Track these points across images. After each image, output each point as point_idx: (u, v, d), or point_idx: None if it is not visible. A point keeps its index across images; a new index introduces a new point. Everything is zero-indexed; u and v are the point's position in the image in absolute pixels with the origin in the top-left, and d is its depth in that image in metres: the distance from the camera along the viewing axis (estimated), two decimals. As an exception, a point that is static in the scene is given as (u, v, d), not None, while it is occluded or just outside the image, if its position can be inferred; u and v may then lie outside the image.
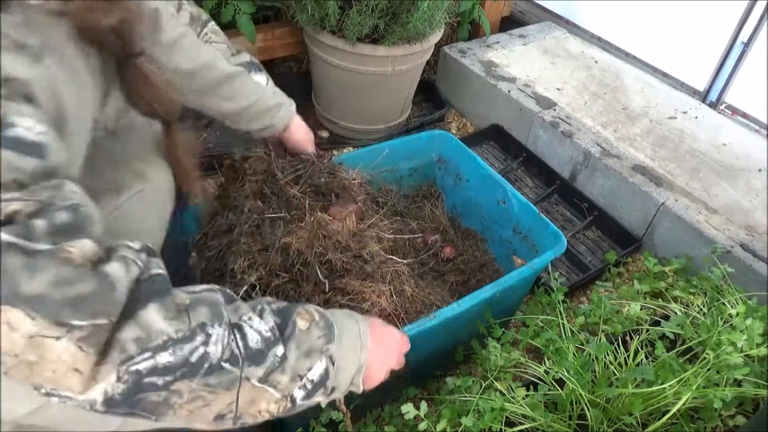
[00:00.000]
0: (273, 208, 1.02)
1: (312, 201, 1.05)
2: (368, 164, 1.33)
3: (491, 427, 0.95)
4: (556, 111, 1.90)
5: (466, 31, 2.26)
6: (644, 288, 1.41)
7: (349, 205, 1.07)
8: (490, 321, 1.15)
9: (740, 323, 1.12)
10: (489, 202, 1.42)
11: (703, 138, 1.85)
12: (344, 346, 0.70)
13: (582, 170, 1.79)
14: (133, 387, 0.52)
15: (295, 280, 0.97)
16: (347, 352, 0.70)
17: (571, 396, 0.99)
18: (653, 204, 1.61)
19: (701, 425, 1.03)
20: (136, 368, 0.52)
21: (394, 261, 1.05)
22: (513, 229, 1.37)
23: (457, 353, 1.22)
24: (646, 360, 1.12)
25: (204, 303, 0.59)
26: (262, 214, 1.01)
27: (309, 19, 1.67)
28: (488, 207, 1.43)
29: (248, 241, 0.97)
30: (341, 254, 0.98)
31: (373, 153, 1.40)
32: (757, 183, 1.68)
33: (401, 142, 1.49)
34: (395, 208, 1.41)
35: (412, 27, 1.64)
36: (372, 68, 1.73)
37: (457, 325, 1.10)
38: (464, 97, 2.16)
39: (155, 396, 0.54)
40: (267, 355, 0.61)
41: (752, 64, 1.88)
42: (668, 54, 2.10)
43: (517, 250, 1.35)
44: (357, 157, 1.36)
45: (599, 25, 2.30)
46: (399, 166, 1.50)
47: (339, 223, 1.02)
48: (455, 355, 1.23)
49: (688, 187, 1.65)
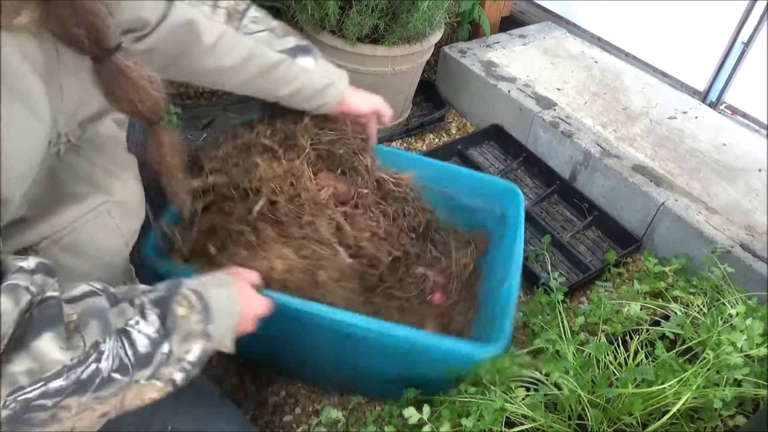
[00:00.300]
0: (271, 141, 1.05)
1: (313, 159, 1.06)
2: (426, 176, 1.27)
3: (491, 427, 0.95)
4: (556, 111, 1.90)
5: (466, 31, 2.26)
6: (644, 288, 1.41)
7: (341, 184, 1.06)
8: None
9: (740, 323, 1.12)
10: (494, 279, 1.25)
11: (703, 138, 1.85)
12: (221, 319, 0.74)
13: (582, 170, 1.79)
14: (21, 411, 0.52)
15: (238, 198, 1.01)
16: (223, 323, 0.74)
17: (572, 397, 0.99)
18: (653, 204, 1.61)
19: (701, 425, 1.03)
20: (25, 397, 0.52)
21: (332, 246, 1.03)
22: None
23: (408, 391, 1.07)
24: (646, 360, 1.12)
25: (92, 315, 0.60)
26: (257, 138, 1.05)
27: (309, 19, 1.67)
28: (491, 283, 1.25)
29: (229, 149, 1.03)
30: (289, 206, 1.00)
31: (438, 170, 1.33)
32: (757, 183, 1.68)
33: (469, 174, 1.36)
34: (414, 225, 1.25)
35: (412, 27, 1.64)
36: (372, 68, 1.73)
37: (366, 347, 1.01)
38: (464, 97, 2.16)
39: (42, 414, 0.54)
40: (155, 356, 0.64)
41: (752, 64, 1.88)
42: (668, 54, 2.10)
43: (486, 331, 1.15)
44: (416, 161, 1.32)
45: (599, 25, 2.30)
46: (457, 195, 1.35)
47: (313, 187, 1.03)
48: (407, 392, 1.08)
49: (688, 187, 1.65)
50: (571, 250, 1.63)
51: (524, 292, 1.59)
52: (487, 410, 0.95)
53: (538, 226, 1.71)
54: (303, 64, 1.03)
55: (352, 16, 1.60)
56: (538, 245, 1.64)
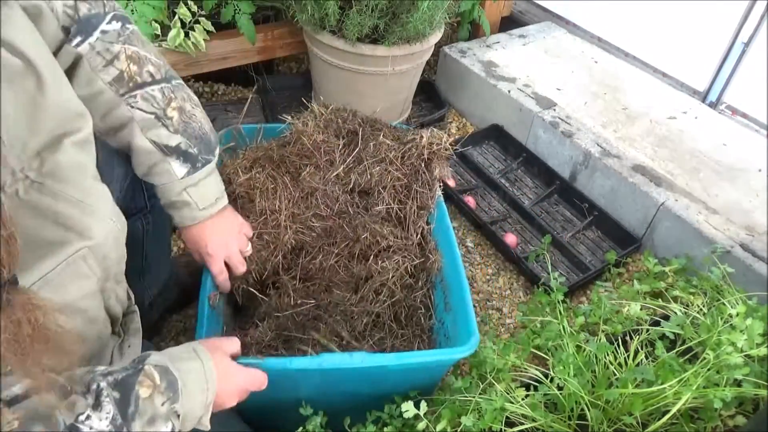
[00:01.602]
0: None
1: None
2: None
3: (491, 427, 0.95)
4: (556, 111, 1.90)
5: (466, 31, 2.26)
6: (644, 288, 1.41)
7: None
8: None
9: (740, 323, 1.12)
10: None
11: (703, 138, 1.85)
12: (190, 393, 0.70)
13: (582, 170, 1.79)
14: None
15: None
16: (194, 398, 0.71)
17: (572, 397, 0.99)
18: (653, 204, 1.61)
19: (701, 425, 1.03)
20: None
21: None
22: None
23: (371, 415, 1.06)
24: (646, 360, 1.12)
25: (37, 417, 0.55)
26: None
27: (309, 19, 1.67)
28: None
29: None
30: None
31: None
32: (757, 183, 1.68)
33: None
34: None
35: (412, 27, 1.64)
36: (372, 68, 1.73)
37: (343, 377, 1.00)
38: (464, 97, 2.16)
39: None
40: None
41: (752, 64, 1.88)
42: (668, 54, 2.10)
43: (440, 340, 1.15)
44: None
45: (599, 25, 2.30)
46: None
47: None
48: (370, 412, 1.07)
49: (688, 187, 1.65)
50: (571, 250, 1.63)
51: (524, 292, 1.59)
52: (487, 409, 0.95)
53: (538, 226, 1.71)
54: (171, 167, 0.91)
55: (352, 16, 1.60)
56: (538, 245, 1.64)
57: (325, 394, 1.04)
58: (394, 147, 1.17)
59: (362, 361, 0.93)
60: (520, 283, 1.61)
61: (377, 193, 1.17)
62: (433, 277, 1.19)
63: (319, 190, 1.16)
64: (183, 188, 0.93)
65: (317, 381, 0.99)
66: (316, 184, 1.15)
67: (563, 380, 1.00)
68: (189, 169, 0.92)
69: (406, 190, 1.18)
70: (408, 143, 1.18)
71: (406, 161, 1.17)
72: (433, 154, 1.17)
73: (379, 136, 1.19)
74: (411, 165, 1.17)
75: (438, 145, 1.17)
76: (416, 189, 1.17)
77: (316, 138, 1.17)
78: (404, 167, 1.17)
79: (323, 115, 1.23)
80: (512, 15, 2.51)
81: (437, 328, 1.16)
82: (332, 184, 1.17)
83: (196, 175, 0.93)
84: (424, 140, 1.16)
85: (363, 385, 1.04)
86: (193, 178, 0.93)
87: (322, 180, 1.16)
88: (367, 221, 1.15)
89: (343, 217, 1.17)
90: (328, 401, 1.03)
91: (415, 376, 1.03)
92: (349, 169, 1.17)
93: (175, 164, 0.91)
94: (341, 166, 1.17)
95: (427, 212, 1.19)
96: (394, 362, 0.94)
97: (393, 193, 1.17)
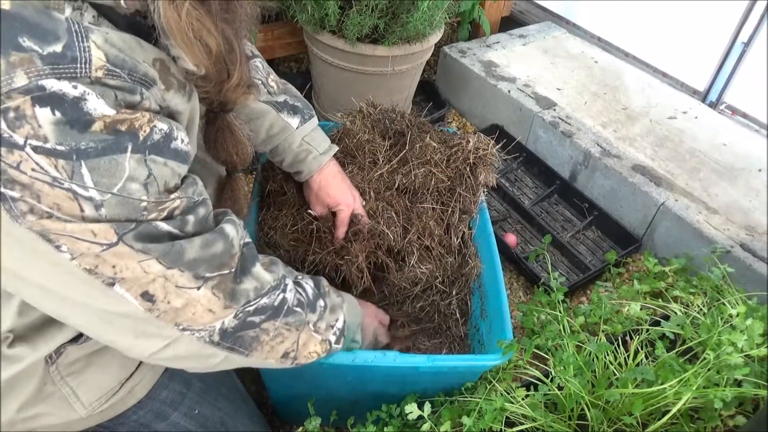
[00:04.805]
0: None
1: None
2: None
3: (491, 427, 0.95)
4: (556, 111, 1.90)
5: (466, 31, 2.27)
6: (644, 288, 1.41)
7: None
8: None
9: (740, 323, 1.12)
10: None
11: (703, 138, 1.85)
12: (349, 307, 0.89)
13: (582, 170, 1.79)
14: (241, 323, 0.67)
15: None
16: (351, 312, 0.90)
17: (572, 397, 0.99)
18: (653, 204, 1.61)
19: (701, 425, 1.03)
20: (248, 309, 0.68)
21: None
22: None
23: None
24: (646, 360, 1.12)
25: (276, 263, 0.77)
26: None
27: (309, 19, 1.66)
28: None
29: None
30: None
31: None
32: (757, 183, 1.68)
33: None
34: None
35: (412, 27, 1.64)
36: (372, 68, 1.73)
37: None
38: (464, 97, 2.16)
39: (252, 332, 0.69)
40: (316, 305, 0.80)
41: (752, 64, 1.88)
42: (668, 54, 2.10)
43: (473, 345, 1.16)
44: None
45: (599, 25, 2.30)
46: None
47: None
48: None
49: (688, 187, 1.65)
50: (571, 250, 1.63)
51: (524, 292, 1.59)
52: (487, 409, 0.95)
53: (538, 226, 1.71)
54: (286, 120, 1.02)
55: (352, 16, 1.60)
56: (538, 245, 1.64)
57: (354, 391, 1.05)
58: (440, 150, 1.17)
59: (395, 359, 0.92)
60: (520, 283, 1.61)
61: (421, 194, 1.17)
62: (472, 283, 1.19)
63: (362, 189, 1.15)
64: (301, 137, 1.05)
65: (348, 378, 1.00)
66: (358, 183, 1.15)
67: (563, 380, 1.00)
68: (300, 119, 1.04)
69: (449, 192, 1.18)
70: (454, 147, 1.17)
71: (451, 164, 1.16)
72: (478, 159, 1.16)
73: (426, 138, 1.18)
74: (456, 168, 1.16)
75: (484, 150, 1.16)
76: (460, 192, 1.17)
77: (360, 137, 1.17)
78: (449, 170, 1.17)
79: (371, 115, 1.24)
80: (512, 15, 2.51)
81: (472, 334, 1.16)
82: (374, 182, 1.16)
83: (307, 126, 1.05)
84: (471, 145, 1.16)
85: (392, 386, 1.04)
86: (306, 128, 1.05)
87: (364, 179, 1.15)
88: (414, 218, 1.15)
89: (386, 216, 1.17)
90: (353, 400, 1.04)
91: (445, 380, 1.03)
92: (394, 169, 1.17)
93: (288, 117, 1.03)
94: (385, 166, 1.16)
95: (469, 217, 1.19)
96: (426, 364, 0.93)
97: (436, 195, 1.17)
